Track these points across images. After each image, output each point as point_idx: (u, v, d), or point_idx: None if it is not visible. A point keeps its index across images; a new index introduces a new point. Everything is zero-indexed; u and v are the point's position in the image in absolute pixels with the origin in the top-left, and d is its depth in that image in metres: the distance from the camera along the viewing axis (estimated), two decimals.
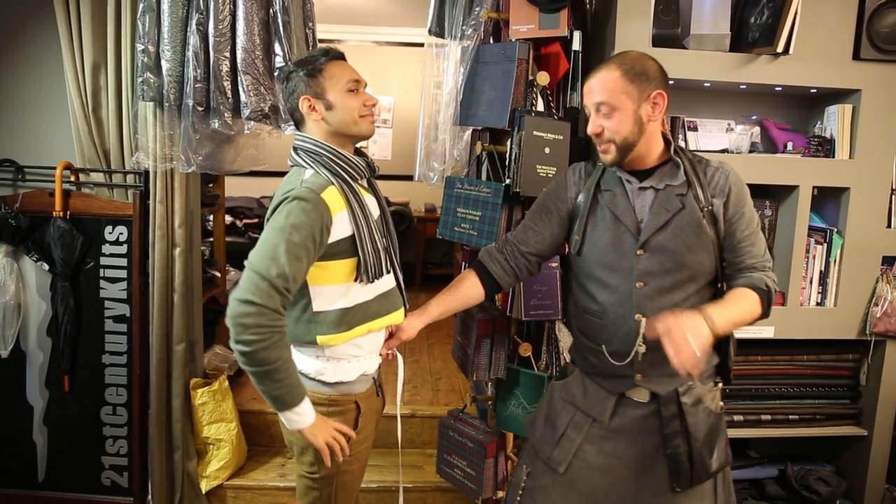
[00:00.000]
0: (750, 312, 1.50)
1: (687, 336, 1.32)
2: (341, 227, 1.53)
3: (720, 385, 1.65)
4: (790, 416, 2.37)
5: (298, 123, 1.63)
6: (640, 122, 1.50)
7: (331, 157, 1.56)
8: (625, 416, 1.61)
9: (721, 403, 1.63)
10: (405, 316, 1.76)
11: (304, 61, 1.61)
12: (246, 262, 1.46)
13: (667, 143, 1.58)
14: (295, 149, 1.61)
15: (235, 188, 5.25)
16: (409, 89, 5.87)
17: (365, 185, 1.68)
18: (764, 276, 1.55)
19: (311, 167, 1.56)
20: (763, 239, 1.60)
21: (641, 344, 1.52)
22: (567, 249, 2.13)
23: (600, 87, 1.50)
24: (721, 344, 1.63)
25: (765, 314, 1.54)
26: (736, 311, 1.48)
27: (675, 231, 1.52)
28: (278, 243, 1.42)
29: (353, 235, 1.54)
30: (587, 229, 1.61)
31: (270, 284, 1.40)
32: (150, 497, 2.58)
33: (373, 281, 1.59)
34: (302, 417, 1.52)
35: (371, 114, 1.62)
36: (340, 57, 1.63)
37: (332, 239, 1.52)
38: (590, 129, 1.54)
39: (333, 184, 1.54)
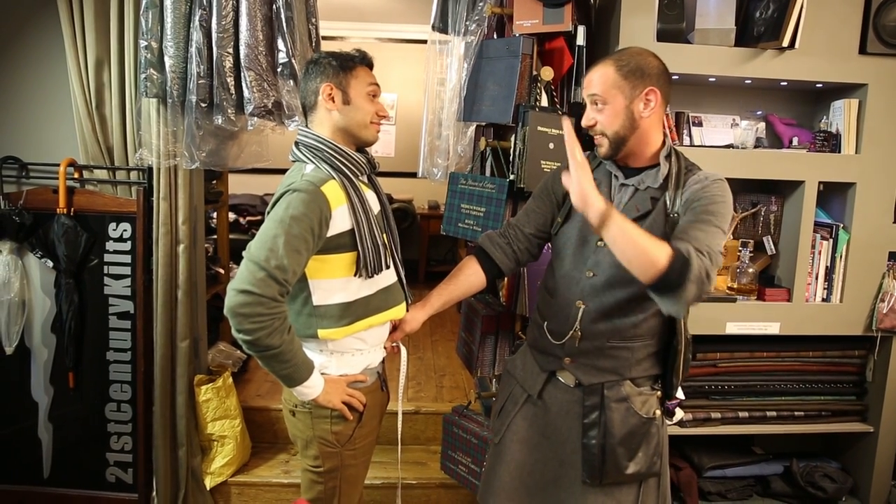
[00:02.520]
0: (648, 249, 1.32)
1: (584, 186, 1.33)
2: (341, 221, 1.54)
3: (658, 393, 1.61)
4: (796, 413, 2.36)
5: (308, 111, 1.64)
6: (631, 118, 1.50)
7: (332, 152, 1.57)
8: (553, 395, 1.65)
9: (657, 411, 1.59)
10: (407, 310, 1.77)
11: (337, 54, 1.62)
12: (244, 253, 1.47)
13: (665, 145, 1.57)
14: (297, 144, 1.62)
15: (239, 185, 5.26)
16: (412, 86, 5.86)
17: (365, 180, 1.69)
18: (694, 253, 1.33)
19: (313, 162, 1.57)
20: (717, 240, 1.41)
21: (578, 330, 1.57)
22: None
23: (595, 80, 1.52)
24: (665, 354, 1.61)
25: (668, 278, 1.31)
26: (637, 232, 1.34)
27: None
28: (277, 234, 1.43)
29: (352, 230, 1.55)
30: (569, 213, 1.64)
31: (268, 274, 1.41)
32: (154, 493, 2.58)
33: (372, 276, 1.60)
34: (313, 389, 1.55)
35: (379, 123, 1.66)
36: (371, 65, 1.67)
37: (331, 232, 1.52)
38: (584, 122, 1.56)
39: (334, 178, 1.55)
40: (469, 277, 1.75)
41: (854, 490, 2.43)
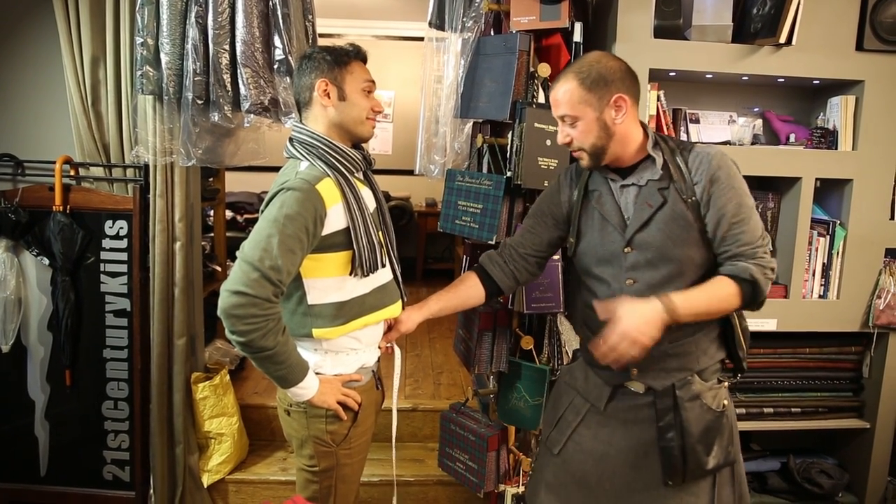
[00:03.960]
0: (721, 301, 1.44)
1: (628, 332, 1.34)
2: (336, 220, 1.52)
3: (725, 384, 1.60)
4: (792, 409, 2.37)
5: (302, 108, 1.62)
6: (605, 128, 1.49)
7: (327, 149, 1.55)
8: (621, 403, 1.61)
9: (725, 402, 1.58)
10: (403, 309, 1.76)
11: (331, 49, 1.60)
12: (238, 253, 1.45)
13: (648, 136, 1.55)
14: (291, 140, 1.60)
15: (236, 183, 5.24)
16: (409, 84, 5.86)
17: (361, 177, 1.67)
18: (751, 264, 1.44)
19: (307, 159, 1.55)
20: (756, 223, 1.48)
21: None
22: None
23: (560, 99, 1.50)
24: (724, 333, 1.59)
25: (748, 305, 1.46)
26: (703, 298, 1.43)
27: (659, 226, 1.50)
28: (272, 234, 1.41)
29: (347, 228, 1.54)
30: (580, 231, 1.63)
31: (262, 275, 1.39)
32: (151, 491, 2.58)
33: (367, 274, 1.58)
34: (307, 390, 1.54)
35: (374, 119, 1.64)
36: (365, 59, 1.65)
37: (326, 231, 1.51)
38: (559, 140, 1.56)
39: (329, 176, 1.53)
40: (469, 290, 1.76)
41: (850, 486, 2.44)
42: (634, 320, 1.36)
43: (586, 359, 1.69)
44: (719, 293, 1.44)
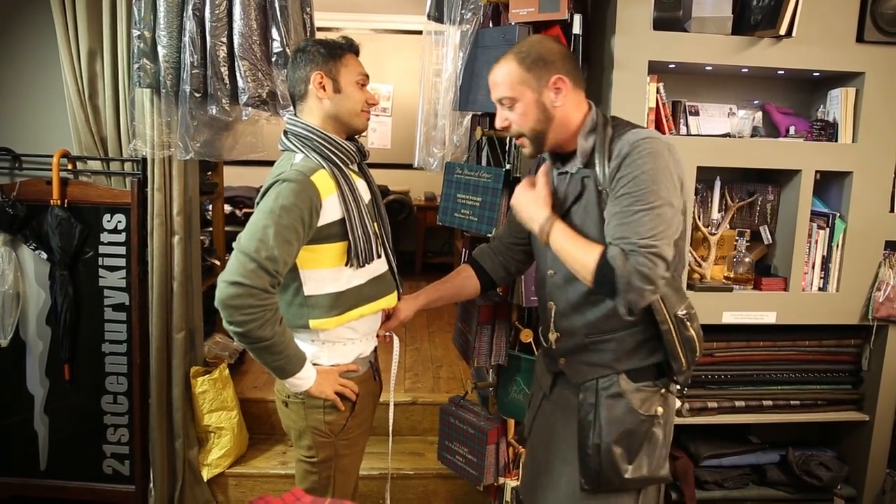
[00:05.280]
0: (576, 262, 1.37)
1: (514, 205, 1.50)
2: (331, 211, 1.53)
3: (662, 390, 1.51)
4: (792, 402, 2.36)
5: (297, 100, 1.63)
6: (544, 110, 1.45)
7: (322, 141, 1.56)
8: (564, 390, 1.63)
9: (659, 409, 1.49)
10: (399, 300, 1.77)
11: (324, 42, 1.61)
12: (234, 244, 1.46)
13: (585, 122, 1.47)
14: (285, 132, 1.61)
15: (235, 178, 5.23)
16: (408, 78, 5.84)
17: (356, 169, 1.68)
18: (617, 250, 1.30)
19: (302, 151, 1.56)
20: (651, 220, 1.31)
21: (553, 330, 1.58)
22: None
23: (499, 80, 1.47)
24: (660, 338, 1.48)
25: (599, 288, 1.35)
26: (569, 245, 1.39)
27: (578, 216, 1.46)
28: (268, 225, 1.42)
29: (343, 219, 1.54)
30: None
31: (259, 265, 1.40)
32: (151, 485, 2.58)
33: (363, 265, 1.59)
34: (305, 381, 1.55)
35: (369, 111, 1.66)
36: (358, 53, 1.66)
37: (321, 222, 1.52)
38: (497, 124, 1.52)
39: (324, 167, 1.54)
40: (464, 280, 1.79)
41: (849, 478, 2.44)
42: (522, 203, 1.52)
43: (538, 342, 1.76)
44: (580, 254, 1.37)
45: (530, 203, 1.49)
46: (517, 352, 2.16)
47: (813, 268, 2.32)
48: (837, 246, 2.29)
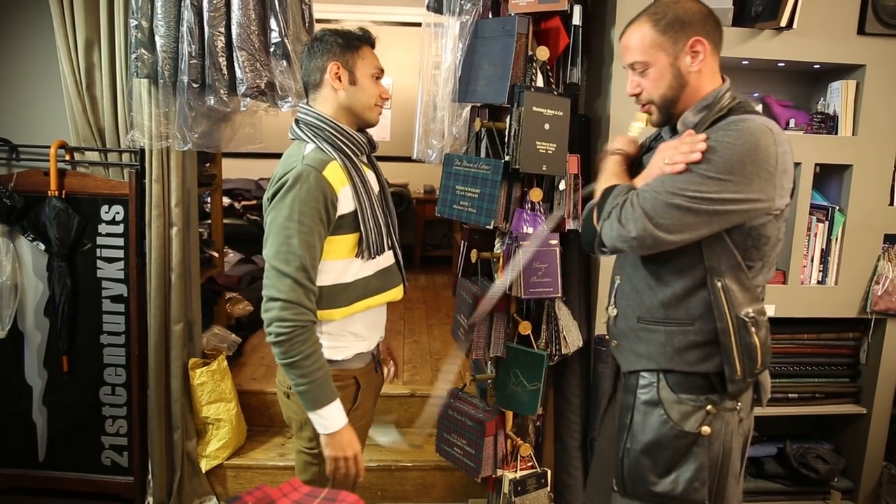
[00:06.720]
0: (602, 182, 1.48)
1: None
2: (345, 203, 1.53)
3: (709, 406, 1.36)
4: (790, 395, 2.37)
5: (310, 90, 1.61)
6: (679, 76, 1.34)
7: (334, 132, 1.55)
8: (622, 392, 1.56)
9: (704, 428, 1.35)
10: (404, 292, 1.77)
11: (342, 32, 1.60)
12: (264, 255, 1.50)
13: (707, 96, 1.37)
14: (297, 121, 1.60)
15: (233, 170, 5.22)
16: (407, 70, 5.80)
17: (365, 160, 1.68)
18: (626, 190, 1.40)
19: (314, 141, 1.55)
20: (688, 179, 1.27)
21: (612, 305, 1.53)
22: (566, 227, 2.13)
23: (632, 44, 1.37)
24: (717, 343, 1.34)
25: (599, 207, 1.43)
26: (606, 171, 1.49)
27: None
28: (291, 234, 1.45)
29: (355, 211, 1.54)
30: None
31: (293, 280, 1.44)
32: (150, 476, 2.58)
33: (374, 256, 1.60)
34: (326, 422, 1.51)
35: (382, 106, 1.65)
36: (374, 46, 1.66)
37: (338, 213, 1.52)
38: (628, 89, 1.42)
39: (335, 159, 1.53)
40: None
41: (846, 471, 2.45)
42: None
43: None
44: (607, 180, 1.46)
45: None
46: (516, 344, 2.16)
47: (812, 261, 2.32)
48: (836, 239, 2.29)
